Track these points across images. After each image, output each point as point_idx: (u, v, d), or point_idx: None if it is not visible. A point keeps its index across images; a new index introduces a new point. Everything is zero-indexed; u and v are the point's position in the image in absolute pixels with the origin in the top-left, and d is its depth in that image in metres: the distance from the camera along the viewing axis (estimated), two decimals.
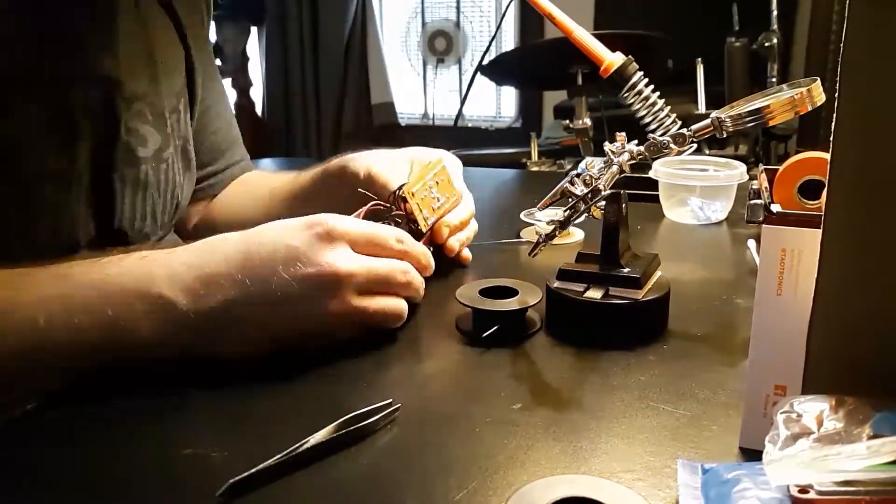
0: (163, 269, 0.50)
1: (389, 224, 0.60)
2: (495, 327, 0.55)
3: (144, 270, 0.50)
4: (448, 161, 0.71)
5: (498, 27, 1.33)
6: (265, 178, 0.88)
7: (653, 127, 0.55)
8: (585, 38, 0.56)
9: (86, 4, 0.62)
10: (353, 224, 0.54)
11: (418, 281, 0.57)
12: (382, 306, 0.54)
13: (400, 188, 0.63)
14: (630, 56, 0.55)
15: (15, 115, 0.57)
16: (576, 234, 0.81)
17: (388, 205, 0.63)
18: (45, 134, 0.59)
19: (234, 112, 0.91)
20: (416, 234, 0.62)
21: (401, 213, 0.62)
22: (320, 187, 0.77)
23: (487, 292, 0.57)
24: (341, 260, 0.51)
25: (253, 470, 0.39)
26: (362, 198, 0.63)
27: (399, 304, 0.55)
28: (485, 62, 2.06)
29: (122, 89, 0.64)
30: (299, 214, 0.55)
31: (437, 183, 0.65)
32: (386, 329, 0.56)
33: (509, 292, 0.58)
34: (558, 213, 0.56)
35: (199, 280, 0.50)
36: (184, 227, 0.84)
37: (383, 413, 0.44)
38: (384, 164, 0.70)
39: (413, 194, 0.62)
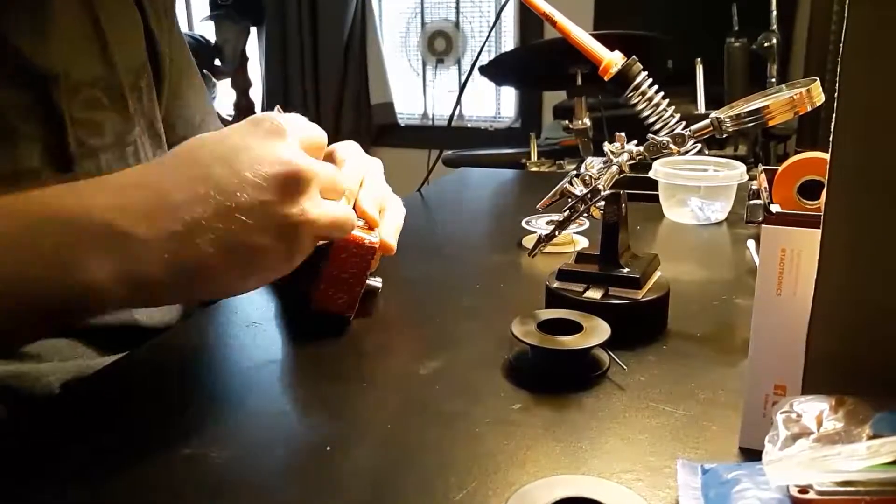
0: (112, 195, 0.43)
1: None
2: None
3: (89, 197, 0.43)
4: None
5: (492, 27, 1.32)
6: None
7: (657, 127, 0.55)
8: (583, 37, 0.56)
9: None
10: (292, 121, 0.50)
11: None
12: (335, 212, 0.51)
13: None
14: (634, 56, 0.55)
15: None
16: (580, 243, 0.78)
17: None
18: None
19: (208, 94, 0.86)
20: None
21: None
22: None
23: (545, 325, 0.52)
24: (301, 158, 0.47)
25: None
26: None
27: (348, 212, 0.53)
28: (483, 62, 2.06)
29: (63, 81, 0.60)
30: None
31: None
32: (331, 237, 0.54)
33: (568, 325, 0.52)
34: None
35: (155, 202, 0.43)
36: None
37: None
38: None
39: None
